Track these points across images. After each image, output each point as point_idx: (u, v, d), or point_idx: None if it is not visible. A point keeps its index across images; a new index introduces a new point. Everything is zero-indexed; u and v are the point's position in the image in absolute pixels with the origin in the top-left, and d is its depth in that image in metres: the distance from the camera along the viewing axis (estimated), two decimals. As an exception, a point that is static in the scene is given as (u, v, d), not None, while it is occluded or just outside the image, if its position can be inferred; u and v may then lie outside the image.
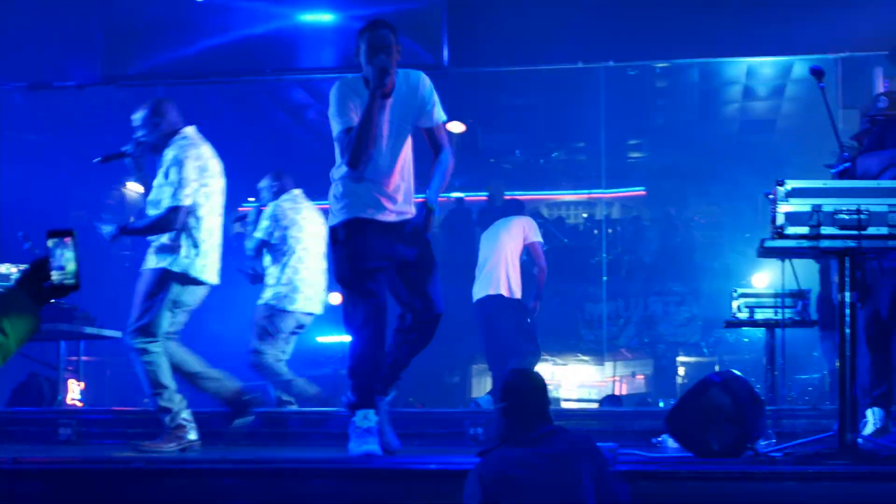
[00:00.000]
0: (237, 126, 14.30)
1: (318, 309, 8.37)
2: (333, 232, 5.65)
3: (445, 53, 9.37)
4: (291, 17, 9.96)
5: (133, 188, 14.11)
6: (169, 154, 6.22)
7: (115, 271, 13.45)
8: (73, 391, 10.34)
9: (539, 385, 4.41)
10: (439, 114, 5.67)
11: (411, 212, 5.70)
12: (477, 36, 9.47)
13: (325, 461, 5.52)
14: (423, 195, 5.60)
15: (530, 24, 9.43)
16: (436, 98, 5.65)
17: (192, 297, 6.39)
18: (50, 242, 3.07)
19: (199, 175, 6.22)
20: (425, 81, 5.66)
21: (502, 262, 9.48)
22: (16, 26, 10.01)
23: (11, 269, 9.10)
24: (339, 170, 5.63)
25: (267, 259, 8.27)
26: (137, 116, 6.32)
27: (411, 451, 6.43)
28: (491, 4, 9.56)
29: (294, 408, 8.05)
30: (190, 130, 6.34)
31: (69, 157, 12.68)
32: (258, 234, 8.24)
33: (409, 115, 5.62)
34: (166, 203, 6.14)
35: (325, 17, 10.01)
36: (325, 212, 6.30)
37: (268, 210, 8.31)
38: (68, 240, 3.08)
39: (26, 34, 9.97)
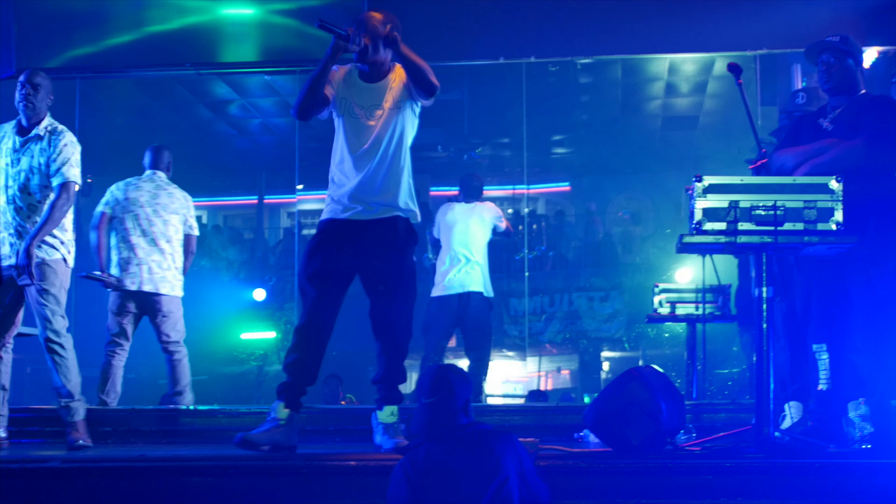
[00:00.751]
0: (160, 120, 14.17)
1: None
2: None
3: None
4: (212, 10, 9.85)
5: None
6: None
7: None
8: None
9: (465, 380, 4.41)
10: None
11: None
12: (400, 30, 9.41)
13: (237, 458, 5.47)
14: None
15: (452, 19, 9.40)
16: None
17: None
18: None
19: None
20: None
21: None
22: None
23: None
24: None
25: None
26: None
27: (334, 447, 6.41)
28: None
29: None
30: None
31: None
32: None
33: None
34: None
35: (246, 12, 9.91)
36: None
37: None
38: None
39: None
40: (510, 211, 16.91)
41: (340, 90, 5.66)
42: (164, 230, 8.12)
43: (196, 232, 8.43)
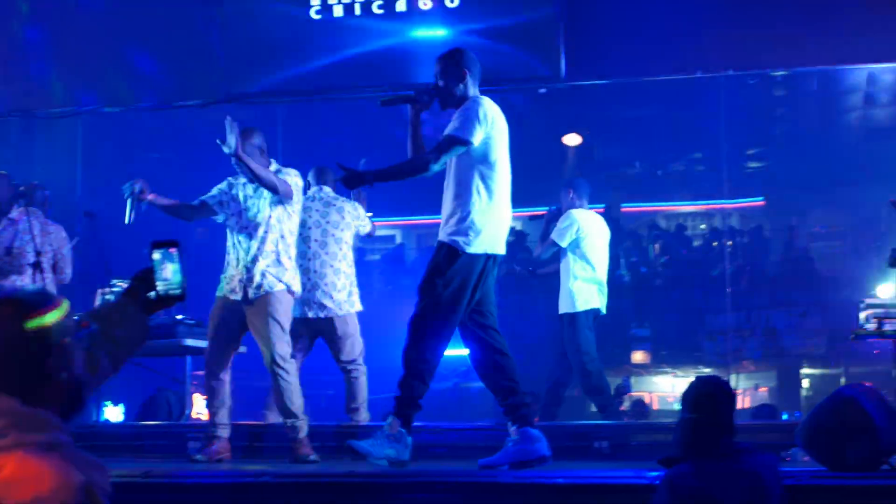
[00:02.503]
0: (356, 142, 14.43)
1: None
2: None
3: (563, 65, 9.31)
4: (406, 33, 10.00)
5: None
6: None
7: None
8: (199, 405, 10.52)
9: (730, 395, 4.27)
10: None
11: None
12: (594, 47, 9.39)
13: (446, 474, 5.53)
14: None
15: (649, 35, 9.34)
16: None
17: None
18: (155, 254, 3.12)
19: None
20: None
21: None
22: (143, 49, 10.25)
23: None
24: None
25: None
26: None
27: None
28: (609, 15, 9.47)
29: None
30: None
31: (191, 174, 12.89)
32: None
33: None
34: None
35: (438, 33, 10.02)
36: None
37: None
38: (173, 251, 3.13)
39: (154, 55, 10.19)
40: (702, 226, 16.68)
41: None
42: (337, 249, 8.26)
43: (369, 228, 8.77)
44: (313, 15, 9.82)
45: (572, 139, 13.88)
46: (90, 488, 2.50)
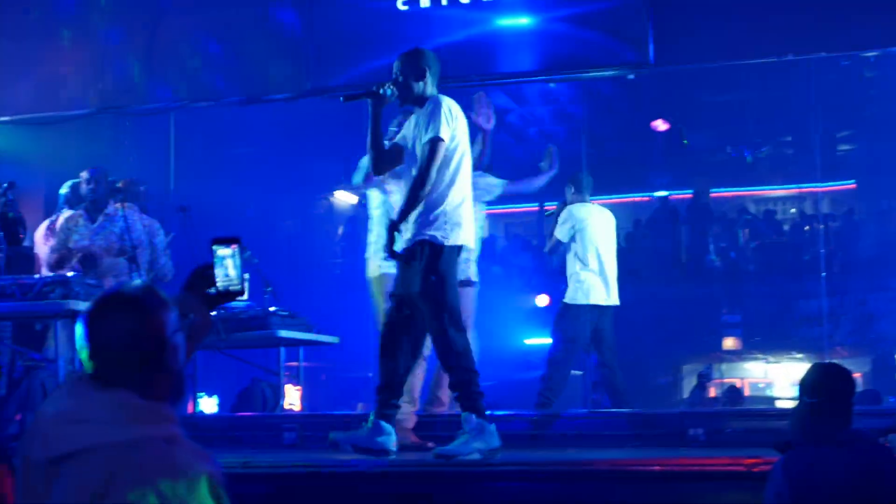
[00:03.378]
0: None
1: None
2: None
3: (651, 51, 9.22)
4: (490, 22, 9.96)
5: (342, 197, 14.42)
6: None
7: (327, 279, 13.78)
8: (292, 396, 10.62)
9: (850, 381, 4.21)
10: None
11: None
12: (682, 32, 9.28)
13: (540, 463, 5.53)
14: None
15: (738, 17, 9.20)
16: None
17: None
18: (216, 249, 3.17)
19: None
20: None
21: None
22: (230, 43, 10.34)
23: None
24: None
25: None
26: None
27: (629, 452, 6.40)
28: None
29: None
30: None
31: (277, 168, 13.02)
32: None
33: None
34: None
35: (523, 21, 9.97)
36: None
37: None
38: (234, 247, 3.17)
39: (239, 50, 10.28)
40: (793, 210, 16.48)
41: None
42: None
43: None
44: (400, 6, 9.82)
45: (661, 125, 13.78)
46: (212, 479, 2.55)
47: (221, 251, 3.17)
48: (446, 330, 6.02)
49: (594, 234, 9.14)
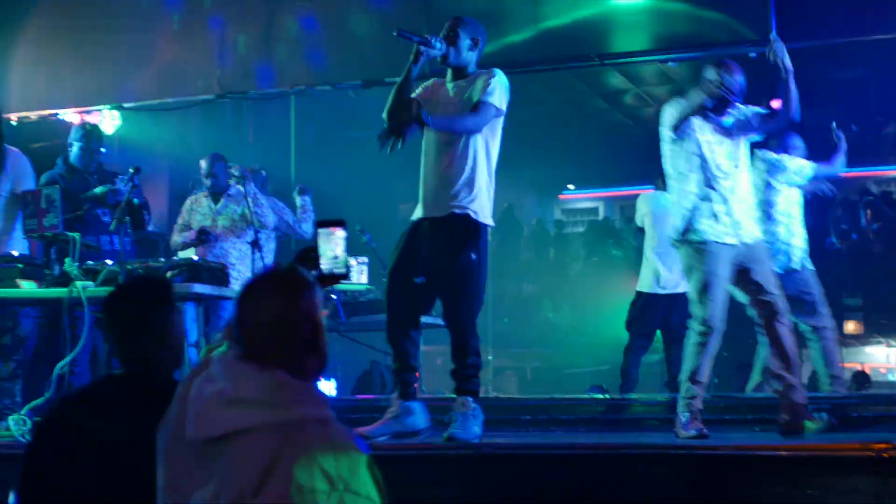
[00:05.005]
0: (557, 113, 14.42)
1: None
2: None
3: (773, 28, 9.05)
4: (605, 1, 9.87)
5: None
6: None
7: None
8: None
9: None
10: None
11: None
12: (805, 7, 9.09)
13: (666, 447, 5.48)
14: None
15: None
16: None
17: None
18: (321, 232, 3.18)
19: None
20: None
21: None
22: (347, 27, 10.39)
23: (352, 262, 9.47)
24: None
25: None
26: None
27: (753, 437, 6.32)
28: (819, -26, 9.19)
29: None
30: None
31: (395, 151, 13.05)
32: None
33: None
34: None
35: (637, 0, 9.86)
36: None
37: None
38: (339, 230, 3.17)
39: (359, 33, 10.32)
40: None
41: None
42: None
43: None
44: (517, -14, 9.80)
45: (778, 104, 13.52)
46: (369, 460, 2.57)
47: (325, 234, 3.19)
48: (474, 311, 5.96)
49: (660, 221, 9.14)
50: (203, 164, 8.74)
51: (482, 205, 5.97)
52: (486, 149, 6.01)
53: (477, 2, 9.88)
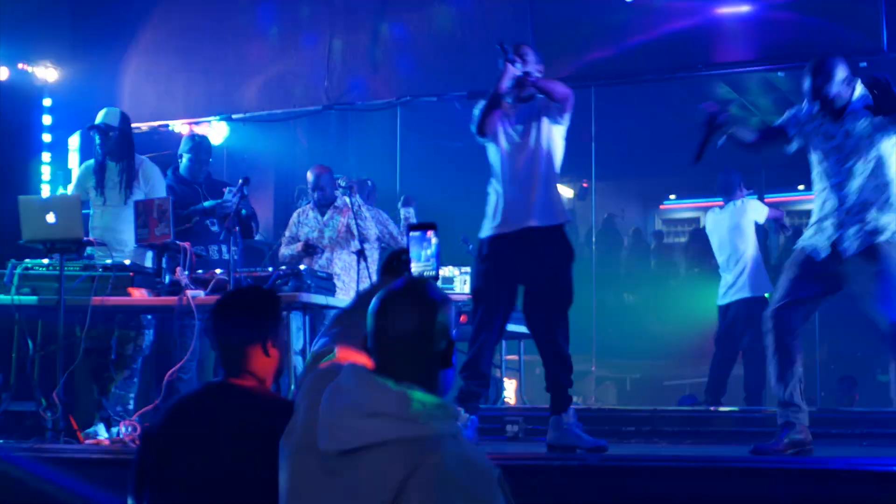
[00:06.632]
0: (662, 124, 14.28)
1: None
2: None
3: (884, 37, 8.90)
4: (710, 10, 9.78)
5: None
6: None
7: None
8: (509, 389, 10.66)
9: None
10: None
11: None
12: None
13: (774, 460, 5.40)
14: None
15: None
16: None
17: None
18: (413, 235, 3.20)
19: None
20: None
21: None
22: (453, 37, 10.44)
23: (455, 272, 9.50)
24: None
25: None
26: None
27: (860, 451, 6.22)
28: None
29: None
30: None
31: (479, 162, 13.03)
32: None
33: None
34: None
35: (743, 9, 9.75)
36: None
37: None
38: (430, 233, 3.19)
39: (465, 44, 10.36)
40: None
41: None
42: None
43: None
44: (626, -3, 9.78)
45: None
46: (501, 479, 2.58)
47: (417, 237, 3.23)
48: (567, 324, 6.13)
49: (712, 237, 9.94)
50: (310, 176, 8.81)
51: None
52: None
53: (582, 13, 9.87)
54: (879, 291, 5.62)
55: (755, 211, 9.58)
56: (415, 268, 3.22)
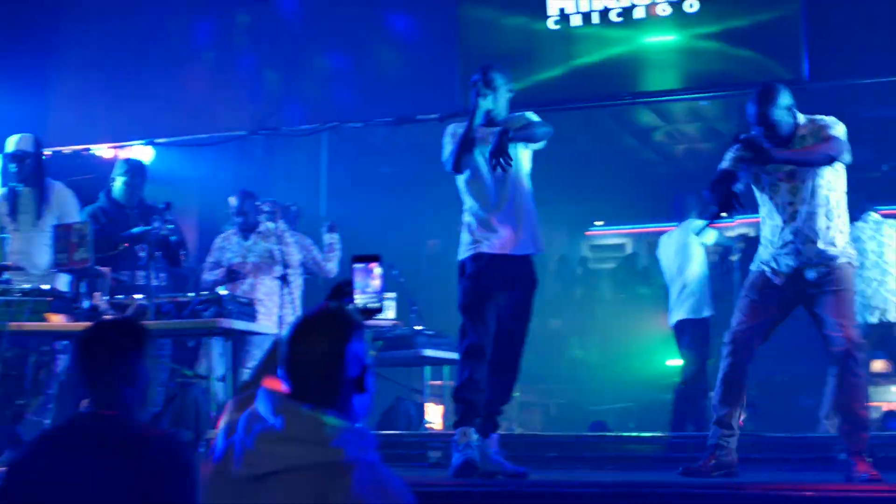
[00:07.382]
0: (588, 152, 14.37)
1: None
2: None
3: (805, 67, 9.02)
4: (637, 40, 9.85)
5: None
6: None
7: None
8: (433, 415, 10.64)
9: None
10: None
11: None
12: (837, 48, 9.06)
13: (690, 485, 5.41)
14: None
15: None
16: None
17: None
18: (356, 266, 3.18)
19: None
20: None
21: None
22: (382, 67, 10.46)
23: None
24: None
25: None
26: None
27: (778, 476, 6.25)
28: (851, 14, 9.12)
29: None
30: None
31: (421, 188, 13.05)
32: None
33: None
34: None
35: (670, 38, 9.83)
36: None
37: None
38: (373, 265, 3.18)
39: (393, 72, 10.38)
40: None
41: None
42: None
43: None
44: (551, 25, 9.79)
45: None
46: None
47: (360, 269, 3.20)
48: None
49: (661, 258, 9.96)
50: (232, 201, 8.76)
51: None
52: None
53: (508, 41, 9.91)
54: (834, 313, 5.73)
55: (702, 233, 9.63)
56: (358, 300, 3.20)
